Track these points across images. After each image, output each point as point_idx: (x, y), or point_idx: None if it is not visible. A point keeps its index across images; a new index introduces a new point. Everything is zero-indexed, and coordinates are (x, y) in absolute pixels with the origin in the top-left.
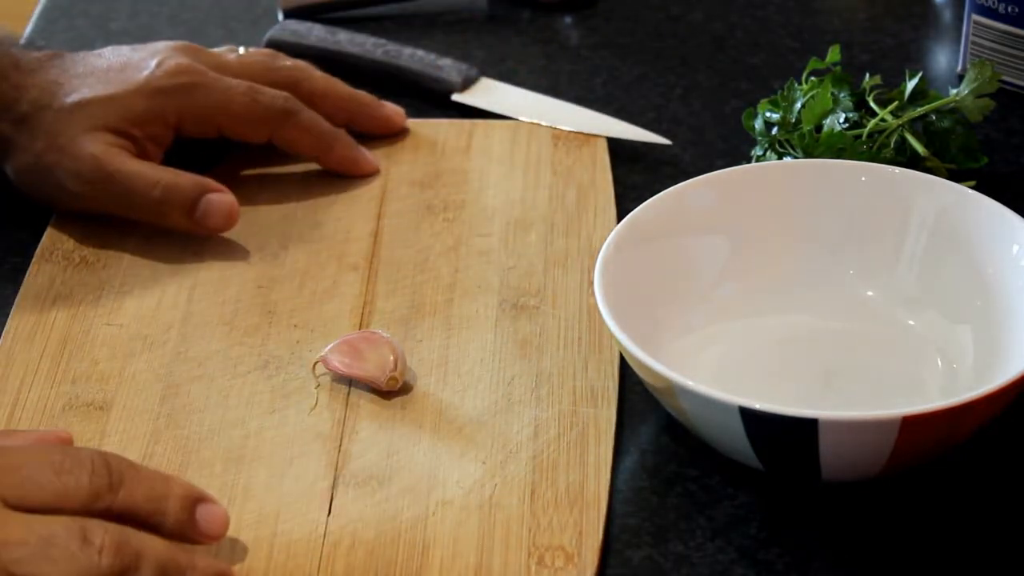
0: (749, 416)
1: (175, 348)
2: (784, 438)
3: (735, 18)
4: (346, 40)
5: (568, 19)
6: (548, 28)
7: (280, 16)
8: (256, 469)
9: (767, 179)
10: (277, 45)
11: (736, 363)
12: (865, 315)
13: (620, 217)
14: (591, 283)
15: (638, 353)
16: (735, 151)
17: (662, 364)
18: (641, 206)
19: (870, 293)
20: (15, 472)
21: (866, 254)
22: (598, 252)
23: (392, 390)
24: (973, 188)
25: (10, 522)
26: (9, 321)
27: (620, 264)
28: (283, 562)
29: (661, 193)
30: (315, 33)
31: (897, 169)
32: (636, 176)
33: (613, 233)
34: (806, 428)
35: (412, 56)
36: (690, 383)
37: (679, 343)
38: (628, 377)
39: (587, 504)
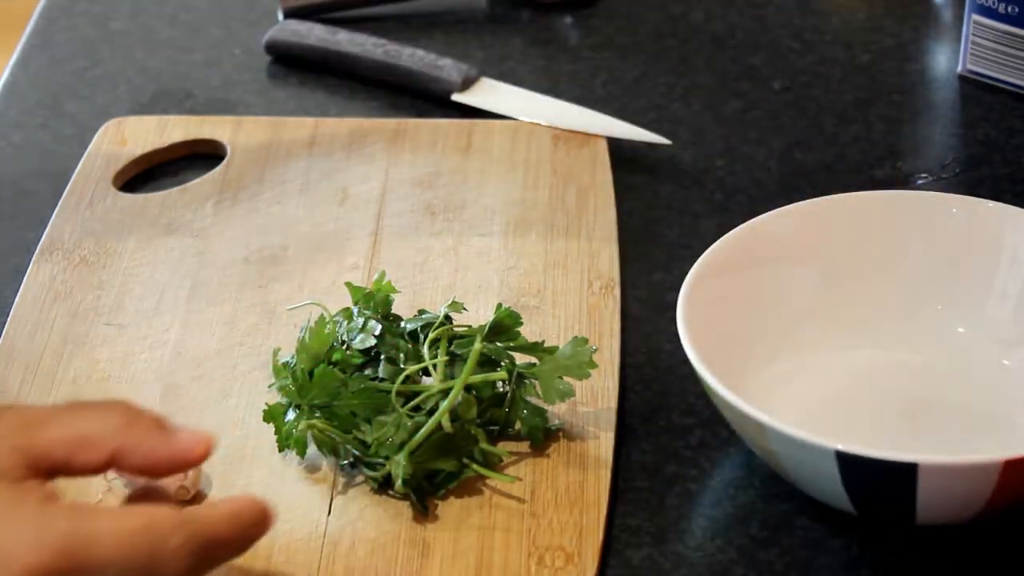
0: (845, 460)
1: (175, 348)
2: (881, 483)
3: (735, 18)
4: (346, 40)
5: (568, 19)
6: (548, 28)
7: (280, 16)
8: (256, 469)
9: (854, 210)
10: (277, 45)
11: (820, 398)
12: (955, 351)
13: (620, 217)
14: (591, 283)
15: (727, 395)
16: (735, 151)
17: (745, 399)
18: (723, 237)
19: (961, 329)
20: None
21: (956, 289)
22: (598, 252)
23: (184, 499)
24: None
25: None
26: (9, 321)
27: (702, 298)
28: (283, 562)
29: (743, 224)
30: (315, 33)
31: (990, 202)
32: (636, 176)
33: (695, 267)
34: (905, 473)
35: (412, 56)
36: (783, 426)
37: (761, 377)
38: (628, 377)
39: (587, 504)
